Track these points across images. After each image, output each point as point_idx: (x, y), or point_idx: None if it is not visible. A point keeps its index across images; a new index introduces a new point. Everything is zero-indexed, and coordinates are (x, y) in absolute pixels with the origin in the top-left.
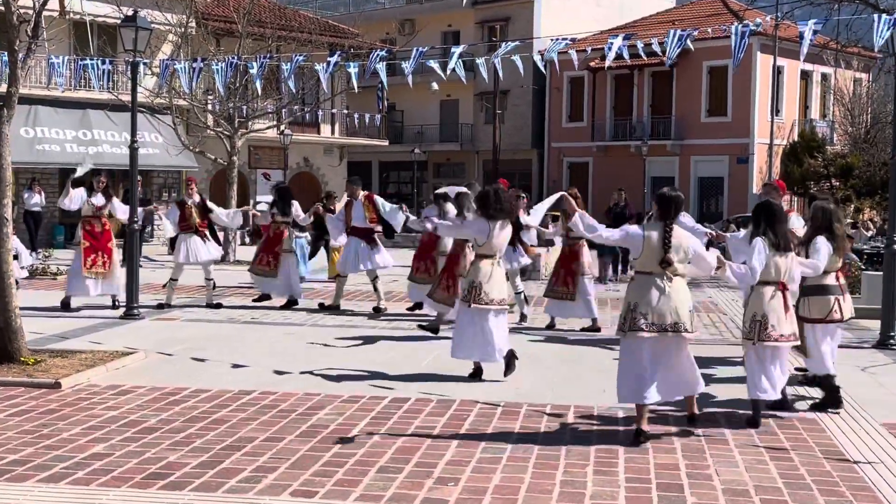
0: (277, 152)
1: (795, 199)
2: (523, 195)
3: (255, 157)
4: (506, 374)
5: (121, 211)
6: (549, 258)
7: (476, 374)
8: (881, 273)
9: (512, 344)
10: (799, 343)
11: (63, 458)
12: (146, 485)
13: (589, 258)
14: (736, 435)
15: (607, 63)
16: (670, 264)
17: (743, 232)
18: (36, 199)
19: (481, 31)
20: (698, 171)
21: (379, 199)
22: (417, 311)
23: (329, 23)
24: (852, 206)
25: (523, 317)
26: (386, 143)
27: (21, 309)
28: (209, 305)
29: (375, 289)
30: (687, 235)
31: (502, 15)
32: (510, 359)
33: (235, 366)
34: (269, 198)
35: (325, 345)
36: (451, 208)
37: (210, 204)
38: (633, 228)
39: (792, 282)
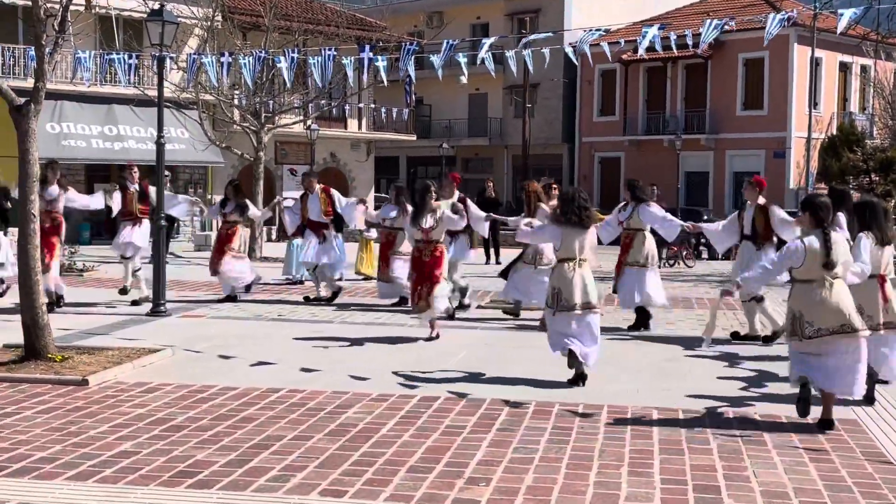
0: (304, 147)
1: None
2: (555, 186)
3: (281, 152)
4: (572, 383)
5: (80, 202)
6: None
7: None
8: None
9: (541, 345)
10: None
11: (90, 455)
12: (174, 483)
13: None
14: (774, 436)
15: (640, 53)
16: (833, 268)
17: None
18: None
19: (511, 24)
20: (733, 165)
21: (336, 194)
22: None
23: (356, 16)
24: (893, 201)
25: (463, 306)
26: (414, 137)
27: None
28: (132, 299)
29: (317, 280)
30: (842, 240)
31: (532, 6)
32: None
33: (263, 363)
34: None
35: (353, 343)
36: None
37: (153, 190)
38: (792, 247)
39: (890, 274)
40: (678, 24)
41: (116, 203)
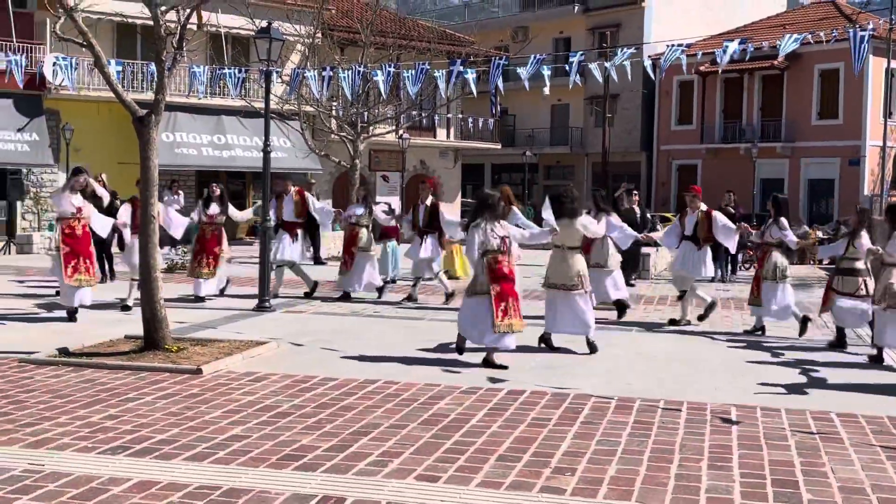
0: (396, 155)
1: None
2: (635, 191)
3: (374, 159)
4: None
5: (96, 221)
6: (658, 258)
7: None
8: None
9: (621, 343)
10: None
11: (205, 438)
12: (281, 465)
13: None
14: (851, 434)
15: (721, 66)
16: None
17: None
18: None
19: (592, 38)
20: (808, 173)
21: (310, 197)
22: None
23: (446, 31)
24: None
25: (449, 296)
26: (498, 146)
27: (165, 300)
28: (124, 308)
29: (300, 275)
30: None
31: (613, 21)
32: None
33: (360, 356)
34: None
35: (443, 339)
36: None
37: (161, 207)
38: None
39: None
40: (756, 37)
41: (126, 217)
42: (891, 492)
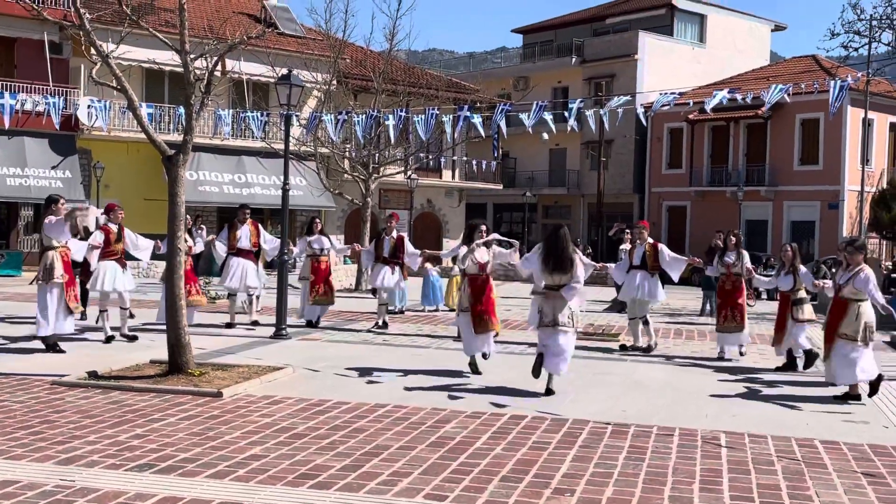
0: (405, 194)
1: (885, 242)
2: (627, 231)
3: (384, 198)
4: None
5: (72, 244)
6: None
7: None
8: None
9: (618, 371)
10: None
11: (226, 457)
12: (297, 483)
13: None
14: (833, 460)
15: (708, 112)
16: None
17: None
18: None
19: (588, 87)
20: (791, 215)
21: (262, 230)
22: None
23: (452, 80)
24: None
25: (384, 323)
26: (500, 186)
27: (189, 327)
28: (126, 336)
29: (251, 303)
30: None
31: (608, 72)
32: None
33: (371, 382)
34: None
35: (448, 366)
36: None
37: (127, 232)
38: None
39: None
40: (742, 88)
41: (98, 242)
42: None
